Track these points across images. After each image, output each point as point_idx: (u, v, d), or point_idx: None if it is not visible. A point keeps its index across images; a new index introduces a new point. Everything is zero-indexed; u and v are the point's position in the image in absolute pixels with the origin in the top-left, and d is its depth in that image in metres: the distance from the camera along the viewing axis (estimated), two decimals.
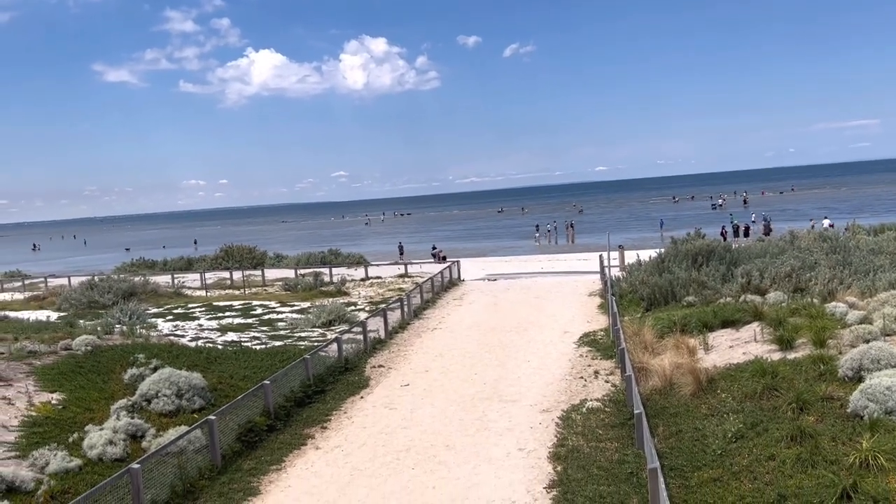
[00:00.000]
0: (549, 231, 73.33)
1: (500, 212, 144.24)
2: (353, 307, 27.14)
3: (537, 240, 67.20)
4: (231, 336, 22.36)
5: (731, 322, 16.53)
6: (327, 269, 37.04)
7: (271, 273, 38.97)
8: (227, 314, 27.47)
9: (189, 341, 20.85)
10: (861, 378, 10.49)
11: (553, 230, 73.97)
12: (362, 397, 15.29)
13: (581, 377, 15.51)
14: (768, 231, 45.85)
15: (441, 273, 31.69)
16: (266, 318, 26.19)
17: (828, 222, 46.14)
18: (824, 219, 50.06)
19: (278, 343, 20.67)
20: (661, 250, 27.11)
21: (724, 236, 43.80)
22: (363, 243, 78.94)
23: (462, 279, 34.10)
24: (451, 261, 37.12)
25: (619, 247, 36.27)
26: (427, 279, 29.51)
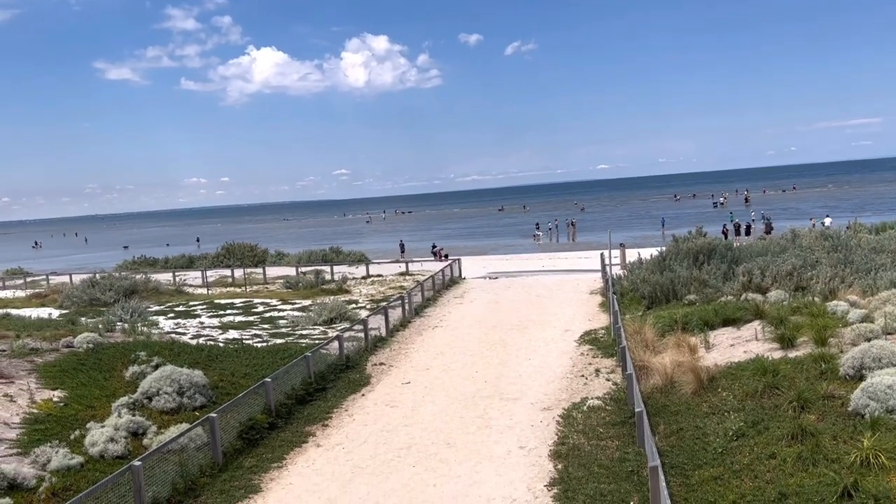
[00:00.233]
0: (550, 229, 73.32)
1: (501, 210, 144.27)
2: (354, 305, 27.16)
3: (537, 238, 67.19)
4: (232, 334, 22.38)
5: (733, 320, 16.53)
6: (328, 267, 37.07)
7: (272, 271, 39.03)
8: (228, 312, 27.50)
9: (190, 339, 20.88)
10: (862, 376, 10.48)
11: (554, 228, 73.98)
12: (363, 395, 15.31)
13: (582, 375, 15.52)
14: (769, 229, 45.82)
15: (442, 271, 31.70)
16: (267, 315, 26.21)
17: (829, 221, 46.12)
18: (826, 217, 50.03)
19: (279, 341, 20.68)
20: (663, 249, 27.11)
21: (726, 235, 43.78)
22: (364, 241, 78.95)
23: (463, 277, 34.12)
24: (452, 259, 37.14)
25: (621, 245, 36.28)
26: (428, 277, 29.53)
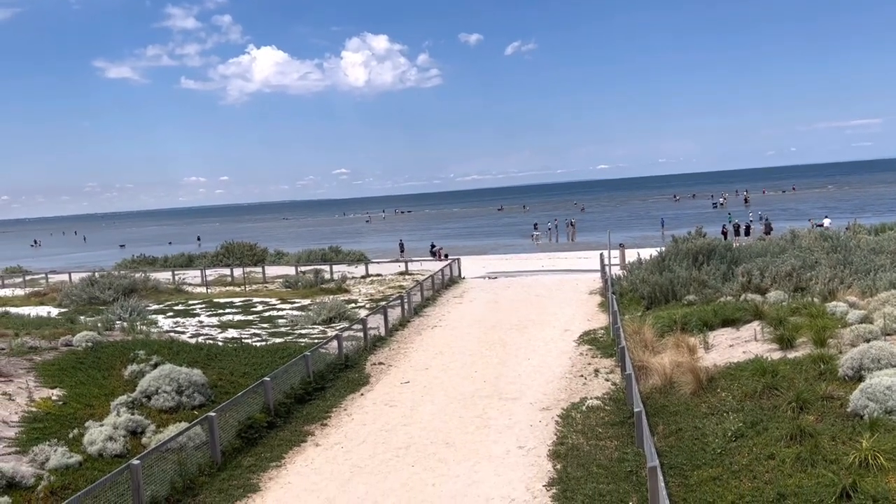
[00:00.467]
0: (549, 229, 73.32)
1: (500, 210, 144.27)
2: (353, 304, 27.15)
3: (535, 238, 67.19)
4: (231, 333, 22.37)
5: (732, 321, 16.53)
6: (328, 267, 37.05)
7: (272, 270, 39.00)
8: (227, 311, 27.49)
9: (189, 338, 20.87)
10: (861, 377, 10.48)
11: (554, 228, 73.97)
12: (362, 394, 15.30)
13: (581, 375, 15.52)
14: (769, 230, 45.84)
15: (441, 271, 31.69)
16: (266, 315, 26.20)
17: (828, 221, 46.15)
18: (825, 218, 50.08)
19: (279, 340, 20.67)
20: (662, 249, 27.11)
21: (725, 235, 43.81)
22: (364, 241, 78.91)
23: (462, 277, 34.12)
24: (451, 258, 37.13)
25: (620, 245, 36.26)
26: (427, 277, 29.52)
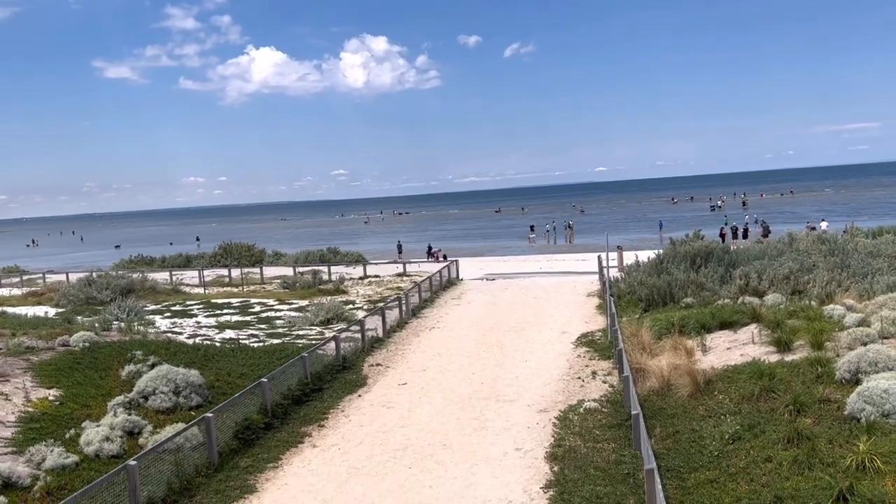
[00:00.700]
0: (547, 231, 73.36)
1: (498, 212, 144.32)
2: (351, 306, 27.14)
3: (532, 240, 67.19)
4: (229, 333, 22.34)
5: (729, 324, 16.54)
6: (326, 268, 37.06)
7: (270, 271, 38.99)
8: (225, 312, 27.47)
9: (187, 338, 20.85)
10: (858, 380, 10.50)
11: (552, 230, 74.02)
12: (360, 396, 15.29)
13: (579, 377, 15.52)
14: (767, 233, 45.91)
15: (439, 272, 31.69)
16: (264, 315, 26.18)
17: (825, 225, 46.20)
18: (822, 221, 50.15)
19: (276, 341, 20.65)
20: (660, 251, 27.12)
21: (723, 238, 43.87)
22: (362, 242, 78.93)
23: (460, 278, 34.12)
24: (449, 260, 37.15)
25: (618, 247, 36.26)
26: (425, 278, 29.53)
